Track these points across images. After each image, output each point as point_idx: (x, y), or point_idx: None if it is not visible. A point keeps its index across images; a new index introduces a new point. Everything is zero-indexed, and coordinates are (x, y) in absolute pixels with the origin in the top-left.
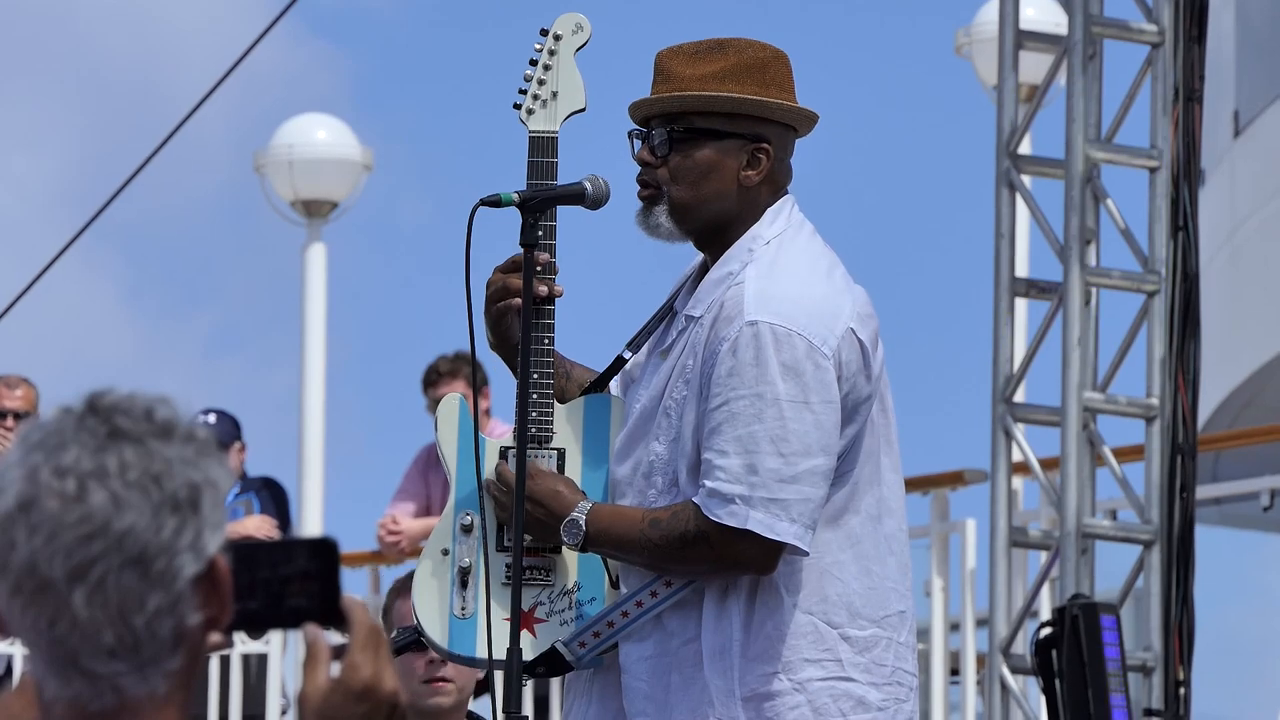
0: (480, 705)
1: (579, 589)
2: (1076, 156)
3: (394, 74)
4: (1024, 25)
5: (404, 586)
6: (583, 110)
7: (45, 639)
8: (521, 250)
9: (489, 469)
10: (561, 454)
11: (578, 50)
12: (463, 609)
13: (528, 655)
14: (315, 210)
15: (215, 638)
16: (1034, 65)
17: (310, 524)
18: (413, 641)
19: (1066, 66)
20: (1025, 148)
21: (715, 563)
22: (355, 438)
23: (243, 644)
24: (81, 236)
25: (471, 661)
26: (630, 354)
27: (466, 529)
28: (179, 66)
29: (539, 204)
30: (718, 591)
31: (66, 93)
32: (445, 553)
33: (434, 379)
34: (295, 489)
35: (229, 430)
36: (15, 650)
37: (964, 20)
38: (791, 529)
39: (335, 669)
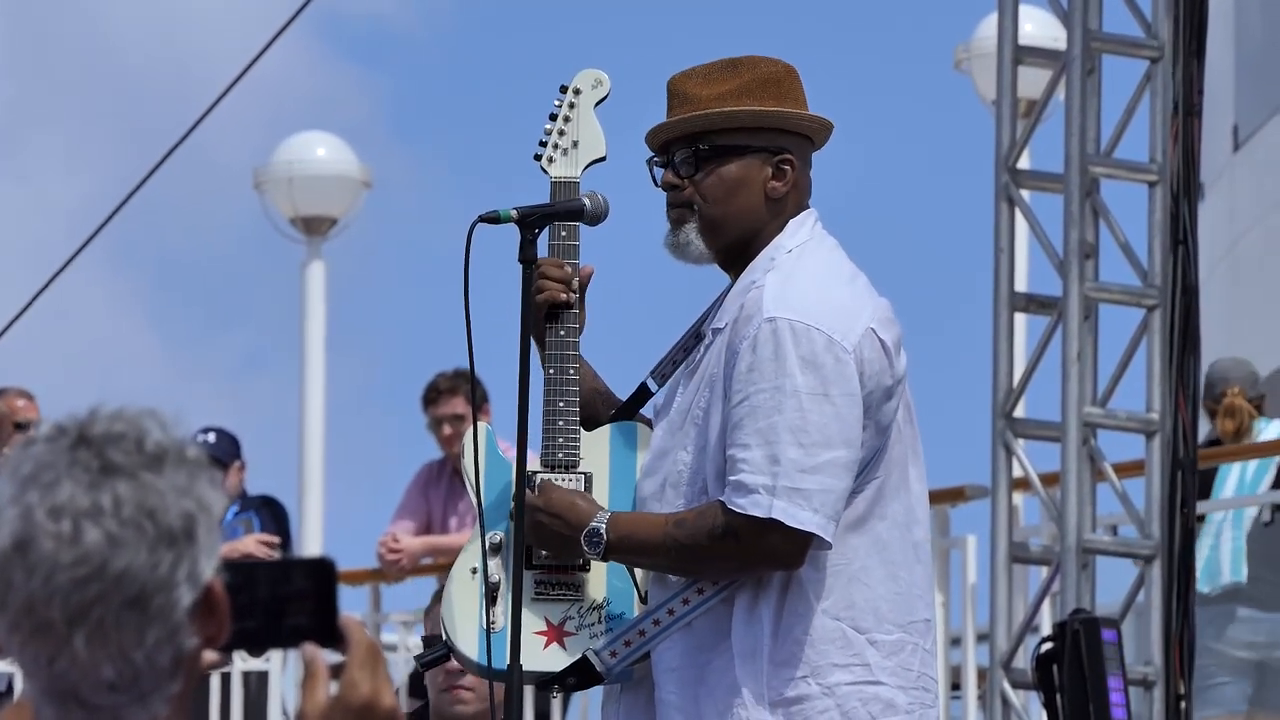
0: None
1: (608, 604)
2: (1075, 171)
3: (422, 96)
4: (1023, 40)
5: (437, 595)
6: (603, 159)
7: (45, 673)
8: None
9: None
10: (588, 478)
11: (598, 104)
12: (493, 623)
13: (558, 666)
14: (314, 228)
15: (212, 655)
16: (1033, 80)
17: (310, 541)
18: (442, 656)
19: (1065, 81)
20: (1024, 162)
21: (744, 558)
22: (356, 455)
23: (243, 661)
24: (116, 267)
25: (503, 675)
26: (655, 384)
27: (495, 548)
28: (214, 94)
29: (537, 220)
30: (748, 598)
31: (102, 119)
32: (474, 571)
33: (434, 396)
34: (295, 506)
35: (229, 449)
36: (16, 669)
37: (963, 35)
38: (814, 518)
39: (334, 687)
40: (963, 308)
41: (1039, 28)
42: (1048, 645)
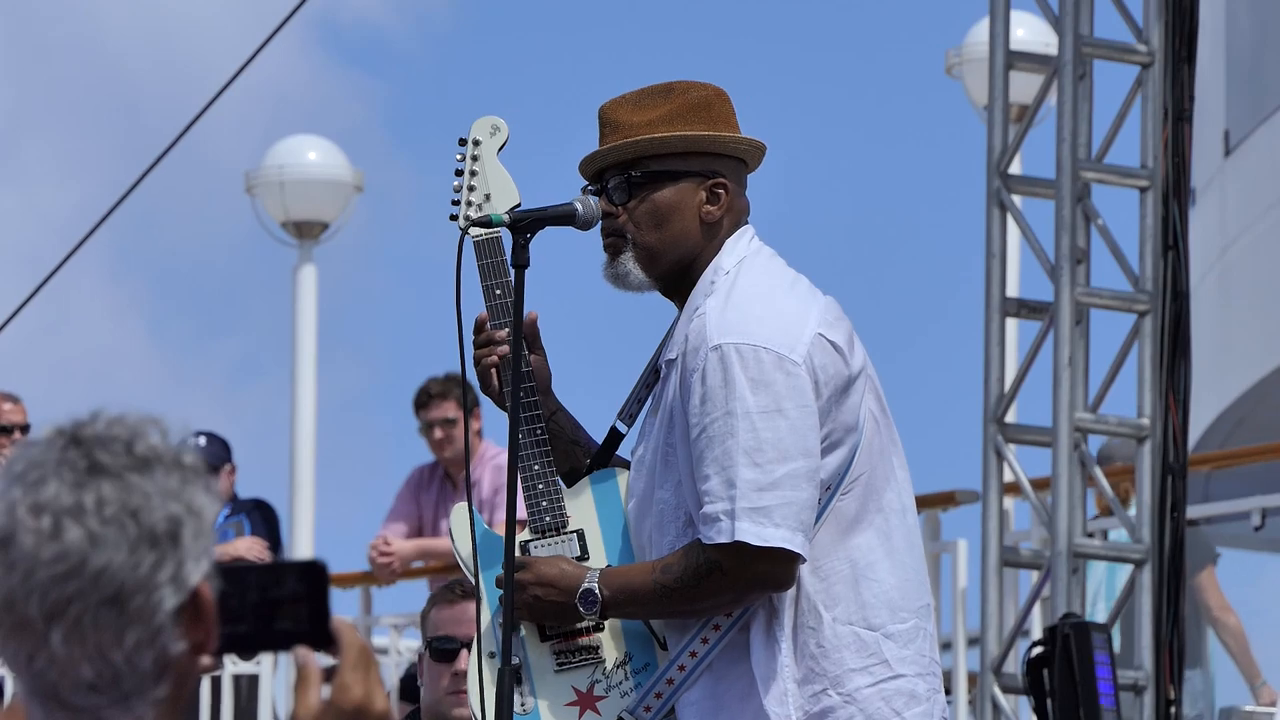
0: None
1: (630, 659)
2: (1067, 176)
3: (416, 102)
4: (1014, 46)
5: (433, 596)
6: (519, 205)
7: (26, 671)
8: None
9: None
10: (581, 534)
11: (499, 150)
12: (523, 705)
13: None
14: (306, 231)
15: (205, 660)
16: (1024, 85)
17: (301, 545)
18: None
19: (1057, 86)
20: (1016, 168)
21: (734, 589)
22: (347, 458)
23: (233, 665)
24: (113, 273)
25: None
26: (624, 426)
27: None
28: (209, 98)
29: (529, 225)
30: (763, 622)
31: (97, 125)
32: (492, 655)
33: (425, 400)
34: (286, 509)
35: (219, 453)
36: (6, 672)
37: (954, 41)
38: (778, 533)
39: (326, 691)
40: (954, 313)
41: (1030, 33)
42: (1038, 649)
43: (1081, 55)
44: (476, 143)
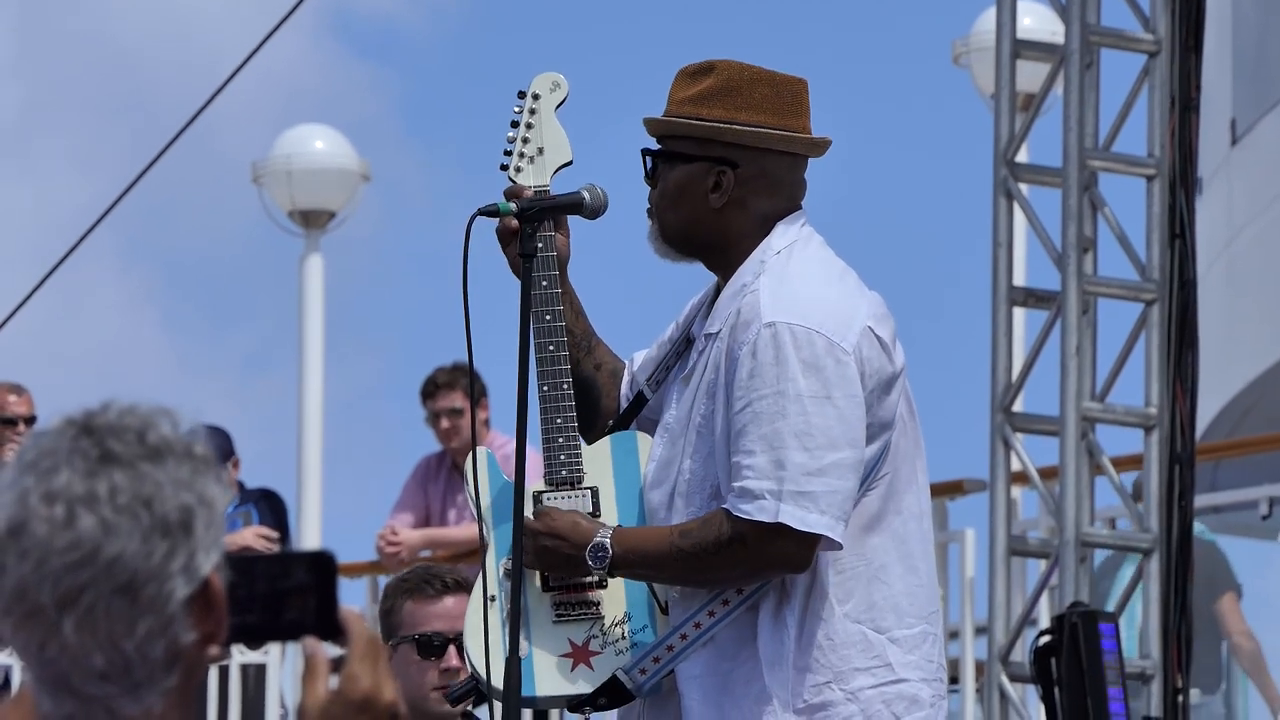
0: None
1: (629, 619)
2: (1074, 165)
3: (430, 93)
4: (1021, 34)
5: (405, 589)
6: (570, 163)
7: (36, 660)
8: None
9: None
10: (595, 492)
11: (557, 107)
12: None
13: (588, 687)
14: (313, 221)
15: (214, 650)
16: (1031, 74)
17: (309, 534)
18: (471, 689)
19: (1064, 75)
20: (1023, 156)
21: (752, 564)
22: (355, 448)
23: (241, 655)
24: (126, 266)
25: (533, 702)
26: (651, 392)
27: (510, 574)
28: (224, 95)
29: (537, 213)
30: (772, 605)
31: (109, 119)
32: (493, 599)
33: (432, 390)
34: (294, 499)
35: (221, 446)
36: (14, 661)
37: (961, 30)
38: (821, 520)
39: (334, 681)
40: (961, 302)
41: (1037, 21)
42: (1046, 638)
43: (1088, 44)
44: (536, 96)
